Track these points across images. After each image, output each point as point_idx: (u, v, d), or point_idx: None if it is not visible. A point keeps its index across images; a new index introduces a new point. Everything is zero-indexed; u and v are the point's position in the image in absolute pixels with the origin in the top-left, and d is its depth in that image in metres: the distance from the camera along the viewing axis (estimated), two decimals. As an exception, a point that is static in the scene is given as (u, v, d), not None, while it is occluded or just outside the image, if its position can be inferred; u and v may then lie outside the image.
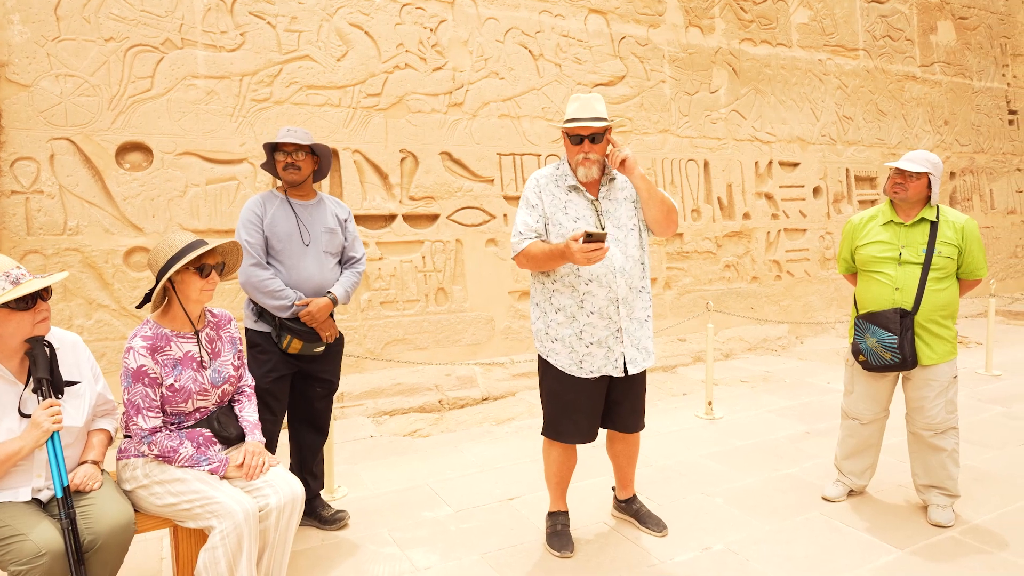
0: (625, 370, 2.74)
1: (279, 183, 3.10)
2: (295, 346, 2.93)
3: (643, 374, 2.90)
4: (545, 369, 2.84)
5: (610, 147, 2.73)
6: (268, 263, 2.95)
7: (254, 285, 2.89)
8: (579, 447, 3.00)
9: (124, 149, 4.51)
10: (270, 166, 3.05)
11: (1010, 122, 9.88)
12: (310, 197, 3.09)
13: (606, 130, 2.71)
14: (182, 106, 4.62)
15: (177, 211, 4.61)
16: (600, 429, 2.95)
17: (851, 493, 3.43)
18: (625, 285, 2.70)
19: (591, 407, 2.80)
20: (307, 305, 2.94)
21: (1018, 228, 9.94)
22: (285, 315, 2.92)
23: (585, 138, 2.69)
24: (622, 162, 2.68)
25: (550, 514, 3.02)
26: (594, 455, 3.81)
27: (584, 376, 2.72)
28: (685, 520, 3.19)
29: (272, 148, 2.98)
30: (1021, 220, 9.99)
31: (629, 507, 3.16)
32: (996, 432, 4.37)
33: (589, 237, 2.42)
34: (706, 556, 2.88)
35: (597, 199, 2.75)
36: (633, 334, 2.75)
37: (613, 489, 3.26)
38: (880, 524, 3.14)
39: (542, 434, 2.93)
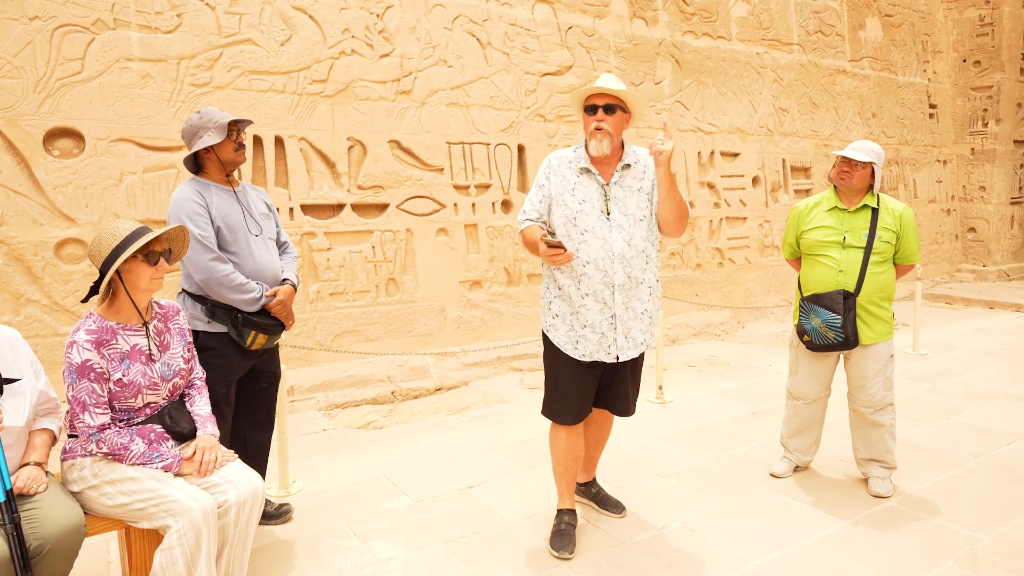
0: (616, 357, 2.75)
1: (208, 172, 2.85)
2: (260, 341, 2.78)
3: (637, 364, 2.91)
4: (546, 345, 2.85)
5: (661, 134, 2.62)
6: None
7: (218, 281, 2.68)
8: None
9: (53, 135, 4.26)
10: (191, 162, 2.79)
11: (931, 115, 10.43)
12: (236, 184, 2.91)
13: (621, 102, 2.69)
14: (116, 90, 4.39)
15: (112, 200, 4.39)
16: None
17: (797, 469, 3.59)
18: (623, 273, 2.67)
19: (585, 388, 2.82)
20: (274, 296, 2.82)
21: (938, 216, 10.53)
22: (254, 309, 2.76)
23: (600, 107, 2.66)
24: (659, 152, 2.60)
25: (557, 511, 2.97)
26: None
27: (578, 358, 2.73)
28: (642, 501, 3.27)
29: (225, 129, 2.72)
30: (941, 209, 10.57)
31: (588, 490, 3.21)
32: (925, 408, 4.64)
33: (552, 242, 2.53)
34: (664, 534, 2.96)
35: (608, 184, 2.72)
36: (626, 323, 2.72)
37: None
38: (825, 497, 3.29)
39: (541, 413, 2.92)
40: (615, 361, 2.75)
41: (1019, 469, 3.57)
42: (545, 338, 2.85)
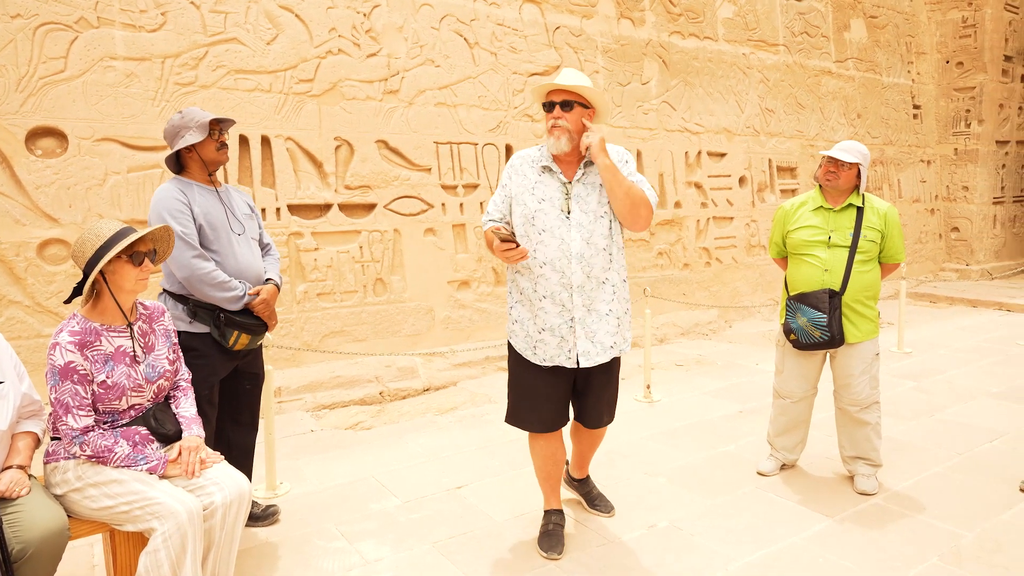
0: (577, 362, 2.63)
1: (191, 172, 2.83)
2: (243, 341, 2.75)
3: (611, 370, 2.80)
4: (510, 351, 2.81)
5: (587, 133, 2.56)
6: None
7: (200, 279, 2.65)
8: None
9: (35, 134, 4.21)
10: (173, 161, 2.77)
11: (914, 116, 10.53)
12: (219, 184, 2.89)
13: (579, 98, 2.56)
14: (100, 89, 4.35)
15: (96, 200, 4.35)
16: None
17: (784, 467, 3.61)
18: (582, 273, 2.58)
19: (552, 395, 2.72)
20: (257, 295, 2.80)
21: (922, 216, 10.64)
22: (236, 307, 2.73)
23: (557, 104, 2.56)
24: (587, 147, 2.53)
25: (544, 512, 2.95)
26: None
27: (538, 363, 2.67)
28: (631, 500, 3.28)
29: (207, 128, 2.71)
30: (925, 208, 10.68)
31: (582, 487, 3.21)
32: (909, 405, 4.68)
33: (503, 236, 2.49)
34: (653, 533, 2.97)
35: (571, 182, 2.62)
36: (589, 326, 2.61)
37: (566, 463, 3.26)
38: (811, 495, 3.31)
39: (505, 420, 2.87)
40: (576, 366, 2.63)
41: (1002, 466, 3.61)
42: (509, 345, 2.81)
